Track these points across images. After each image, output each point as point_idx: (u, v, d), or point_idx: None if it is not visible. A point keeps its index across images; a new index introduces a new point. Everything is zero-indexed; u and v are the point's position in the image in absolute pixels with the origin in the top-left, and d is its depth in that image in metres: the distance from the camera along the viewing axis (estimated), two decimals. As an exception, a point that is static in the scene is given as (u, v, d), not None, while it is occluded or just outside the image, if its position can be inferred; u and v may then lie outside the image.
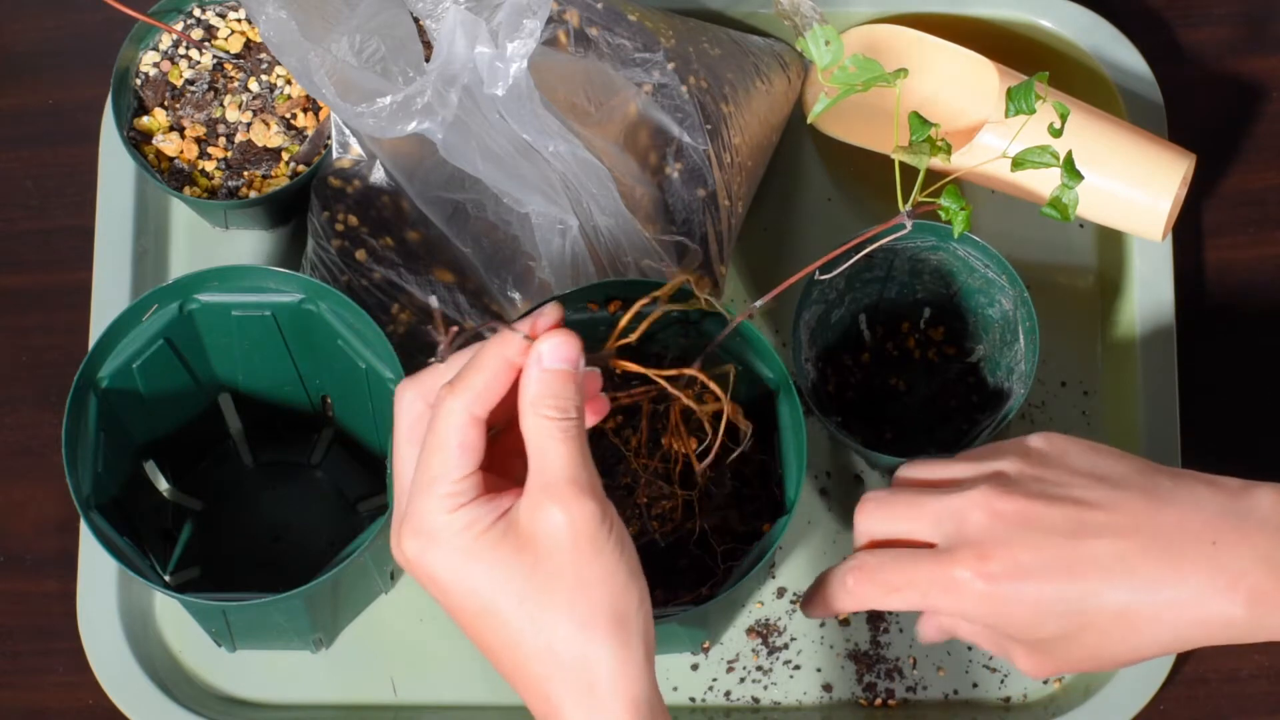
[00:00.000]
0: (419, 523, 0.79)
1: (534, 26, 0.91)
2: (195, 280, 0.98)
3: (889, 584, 0.88)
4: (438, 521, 0.78)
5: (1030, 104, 0.89)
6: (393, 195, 1.03)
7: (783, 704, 1.05)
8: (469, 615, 0.80)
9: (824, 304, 1.02)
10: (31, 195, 1.15)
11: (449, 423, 0.78)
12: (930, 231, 1.00)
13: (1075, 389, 1.10)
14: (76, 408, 0.95)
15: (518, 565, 0.78)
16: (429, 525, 0.79)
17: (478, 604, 0.79)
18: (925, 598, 0.88)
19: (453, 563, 0.79)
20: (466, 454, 0.78)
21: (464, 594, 0.79)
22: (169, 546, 1.04)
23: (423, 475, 0.79)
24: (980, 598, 0.86)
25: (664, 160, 1.04)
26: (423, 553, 0.79)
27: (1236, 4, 1.18)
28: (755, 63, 1.10)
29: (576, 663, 0.78)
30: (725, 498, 0.97)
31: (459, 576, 0.79)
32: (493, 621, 0.79)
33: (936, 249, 1.02)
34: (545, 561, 0.78)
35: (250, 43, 1.10)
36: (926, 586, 0.87)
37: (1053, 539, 0.85)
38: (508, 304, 1.02)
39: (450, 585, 0.79)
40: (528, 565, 0.78)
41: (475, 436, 0.79)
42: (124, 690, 1.04)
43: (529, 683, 0.80)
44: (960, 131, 1.09)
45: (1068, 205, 0.90)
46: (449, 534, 0.78)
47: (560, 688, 0.79)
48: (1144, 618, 0.85)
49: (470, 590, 0.79)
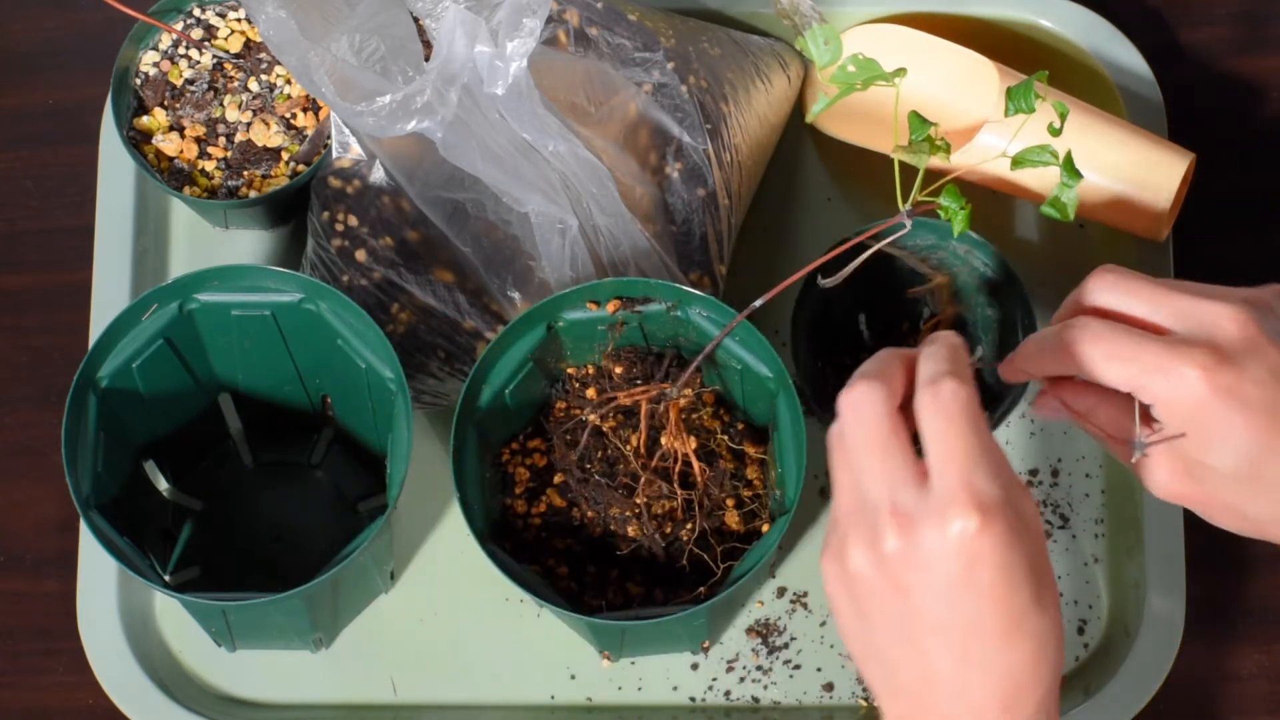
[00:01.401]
0: (988, 496, 0.82)
1: (534, 26, 0.91)
2: (195, 280, 0.98)
3: (1112, 351, 0.86)
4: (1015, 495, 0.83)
5: (1030, 103, 0.89)
6: (393, 195, 1.03)
7: (783, 704, 1.05)
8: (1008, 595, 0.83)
9: (823, 303, 1.02)
10: (31, 195, 1.15)
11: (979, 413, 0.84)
12: (930, 230, 1.00)
13: (1075, 389, 1.10)
14: (76, 408, 0.95)
15: (1041, 545, 0.84)
16: (998, 500, 0.82)
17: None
18: (1139, 377, 0.86)
19: (1016, 535, 0.82)
20: None
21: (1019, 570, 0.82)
22: (169, 546, 1.04)
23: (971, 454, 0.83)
24: (1194, 402, 0.84)
25: (664, 160, 1.04)
26: (995, 523, 0.82)
27: (1236, 4, 1.18)
28: (755, 63, 1.10)
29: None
30: (724, 498, 0.97)
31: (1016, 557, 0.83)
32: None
33: (936, 248, 1.02)
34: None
35: (250, 42, 1.10)
36: (1149, 368, 0.85)
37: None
38: (508, 304, 1.02)
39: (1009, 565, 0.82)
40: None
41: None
42: (124, 690, 1.04)
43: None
44: (960, 131, 1.09)
45: (1067, 204, 0.90)
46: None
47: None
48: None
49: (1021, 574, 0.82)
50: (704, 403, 0.99)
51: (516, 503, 0.99)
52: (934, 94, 1.11)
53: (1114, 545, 1.07)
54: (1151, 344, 0.86)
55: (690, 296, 0.97)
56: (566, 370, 1.01)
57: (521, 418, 1.00)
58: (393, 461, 0.96)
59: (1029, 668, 0.83)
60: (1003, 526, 0.82)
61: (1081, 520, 1.08)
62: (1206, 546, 1.08)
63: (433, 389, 1.05)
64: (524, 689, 1.05)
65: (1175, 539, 1.06)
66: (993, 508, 0.82)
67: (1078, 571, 1.07)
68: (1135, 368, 0.86)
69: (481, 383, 0.97)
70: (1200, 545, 1.07)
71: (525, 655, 1.05)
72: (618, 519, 0.97)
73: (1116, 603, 1.06)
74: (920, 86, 1.10)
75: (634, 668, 1.05)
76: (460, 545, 1.05)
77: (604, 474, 0.97)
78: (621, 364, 0.99)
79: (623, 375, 0.99)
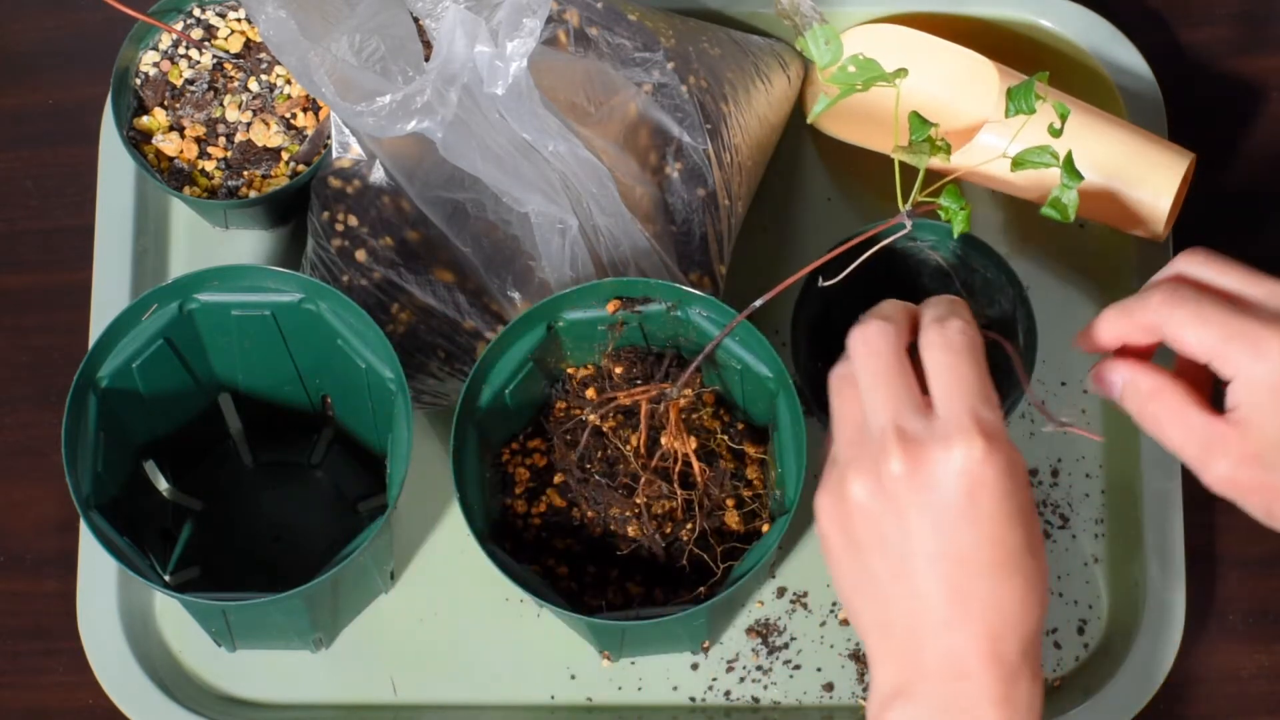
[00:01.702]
0: (992, 427, 0.85)
1: (534, 26, 0.91)
2: (195, 280, 0.98)
3: (1199, 314, 0.86)
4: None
5: (1030, 104, 0.89)
6: (393, 195, 1.03)
7: (783, 704, 1.05)
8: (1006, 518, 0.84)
9: (823, 303, 1.02)
10: (31, 195, 1.15)
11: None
12: (930, 231, 1.00)
13: (1075, 389, 1.10)
14: (76, 408, 0.95)
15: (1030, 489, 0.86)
16: (1002, 431, 0.85)
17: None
18: (1222, 345, 0.86)
19: (1015, 467, 0.85)
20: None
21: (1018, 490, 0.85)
22: (169, 546, 1.04)
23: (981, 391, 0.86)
24: (1276, 381, 0.84)
25: (664, 160, 1.04)
26: (999, 451, 0.84)
27: (1236, 4, 1.18)
28: (755, 63, 1.10)
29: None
30: (724, 498, 0.97)
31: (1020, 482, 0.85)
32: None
33: (936, 248, 1.02)
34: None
35: (250, 42, 1.10)
36: (1235, 334, 0.85)
37: None
38: (507, 304, 1.02)
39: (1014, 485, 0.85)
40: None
41: None
42: (124, 690, 1.04)
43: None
44: (960, 131, 1.09)
45: (1067, 205, 0.90)
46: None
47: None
48: None
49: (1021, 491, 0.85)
50: (704, 403, 0.99)
51: (516, 503, 0.99)
52: (934, 94, 1.11)
53: (1114, 545, 1.07)
54: (1241, 316, 0.85)
55: (690, 296, 0.97)
56: (566, 370, 1.01)
57: (521, 418, 1.00)
58: (393, 461, 0.96)
59: (1017, 606, 0.85)
60: (1004, 457, 0.84)
61: (1081, 520, 1.08)
62: (1206, 546, 1.08)
63: (433, 389, 1.05)
64: (524, 689, 1.05)
65: (1175, 539, 1.06)
66: (996, 437, 0.84)
67: (1078, 571, 1.07)
68: (1220, 333, 0.85)
69: (481, 383, 0.97)
70: (1200, 545, 1.07)
71: (525, 655, 1.05)
72: (618, 519, 0.97)
73: (1116, 603, 1.06)
74: (920, 87, 1.10)
75: (634, 668, 1.05)
76: (460, 545, 1.05)
77: (604, 474, 0.97)
78: (621, 364, 0.99)
79: (623, 375, 0.99)
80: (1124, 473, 1.08)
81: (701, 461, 0.96)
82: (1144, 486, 1.07)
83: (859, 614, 0.87)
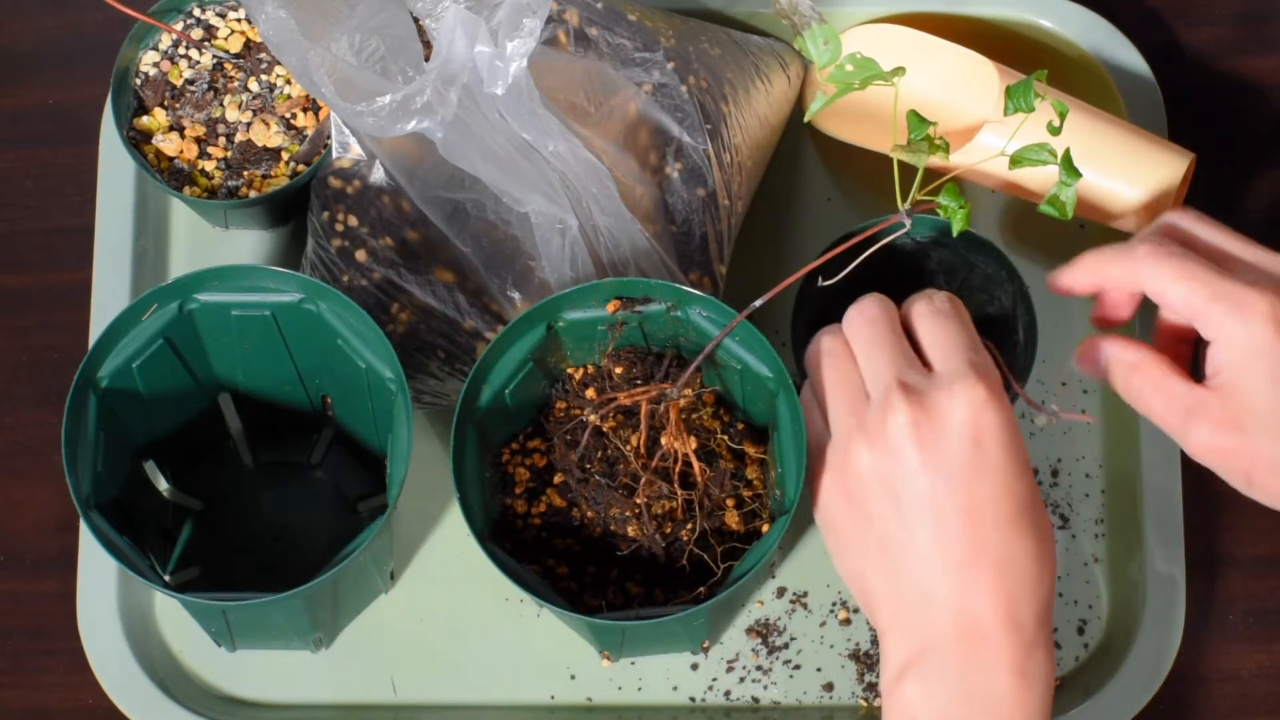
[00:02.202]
0: (987, 371, 0.86)
1: (534, 26, 0.91)
2: (195, 280, 0.98)
3: (1183, 270, 0.86)
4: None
5: (1029, 102, 0.89)
6: (393, 195, 1.03)
7: (783, 704, 1.05)
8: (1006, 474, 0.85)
9: (823, 303, 1.02)
10: (31, 195, 1.15)
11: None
12: (930, 227, 1.00)
13: (1075, 389, 1.10)
14: (76, 408, 0.95)
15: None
16: (999, 380, 0.87)
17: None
18: (1205, 304, 0.85)
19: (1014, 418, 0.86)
20: None
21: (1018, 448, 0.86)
22: (169, 546, 1.04)
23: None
24: (1260, 339, 0.84)
25: (664, 160, 1.04)
26: (1001, 399, 0.86)
27: (1236, 4, 1.18)
28: (755, 63, 1.10)
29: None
30: (724, 498, 0.97)
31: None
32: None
33: (937, 246, 1.02)
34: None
35: (250, 42, 1.10)
36: (1219, 294, 0.85)
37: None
38: (507, 304, 1.02)
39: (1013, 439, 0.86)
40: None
41: None
42: (124, 690, 1.04)
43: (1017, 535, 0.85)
44: (960, 130, 1.09)
45: (1066, 203, 0.90)
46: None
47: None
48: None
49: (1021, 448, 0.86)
50: (704, 403, 0.99)
51: (516, 503, 0.99)
52: (934, 94, 1.11)
53: (1114, 545, 1.07)
54: (1228, 278, 0.85)
55: (690, 296, 0.97)
56: (566, 370, 1.01)
57: (521, 418, 1.00)
58: (393, 461, 0.96)
59: (1032, 564, 0.84)
60: (1005, 407, 0.85)
61: (1081, 520, 1.08)
62: (1206, 547, 1.08)
63: (433, 389, 1.05)
64: (524, 689, 1.05)
65: (1175, 539, 1.06)
66: (995, 385, 0.85)
67: (1078, 571, 1.07)
68: (1204, 292, 0.85)
69: (481, 383, 0.97)
70: (1200, 545, 1.07)
71: (525, 655, 1.05)
72: (618, 519, 0.97)
73: (1116, 603, 1.06)
74: (920, 86, 1.10)
75: (634, 668, 1.05)
76: (460, 545, 1.05)
77: (604, 474, 0.97)
78: (621, 364, 0.99)
79: (623, 375, 0.99)
80: (1124, 473, 1.08)
81: (701, 461, 0.96)
82: (1144, 486, 1.06)
83: (870, 590, 0.87)
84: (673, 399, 0.95)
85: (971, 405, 0.84)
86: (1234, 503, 1.09)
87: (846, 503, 0.87)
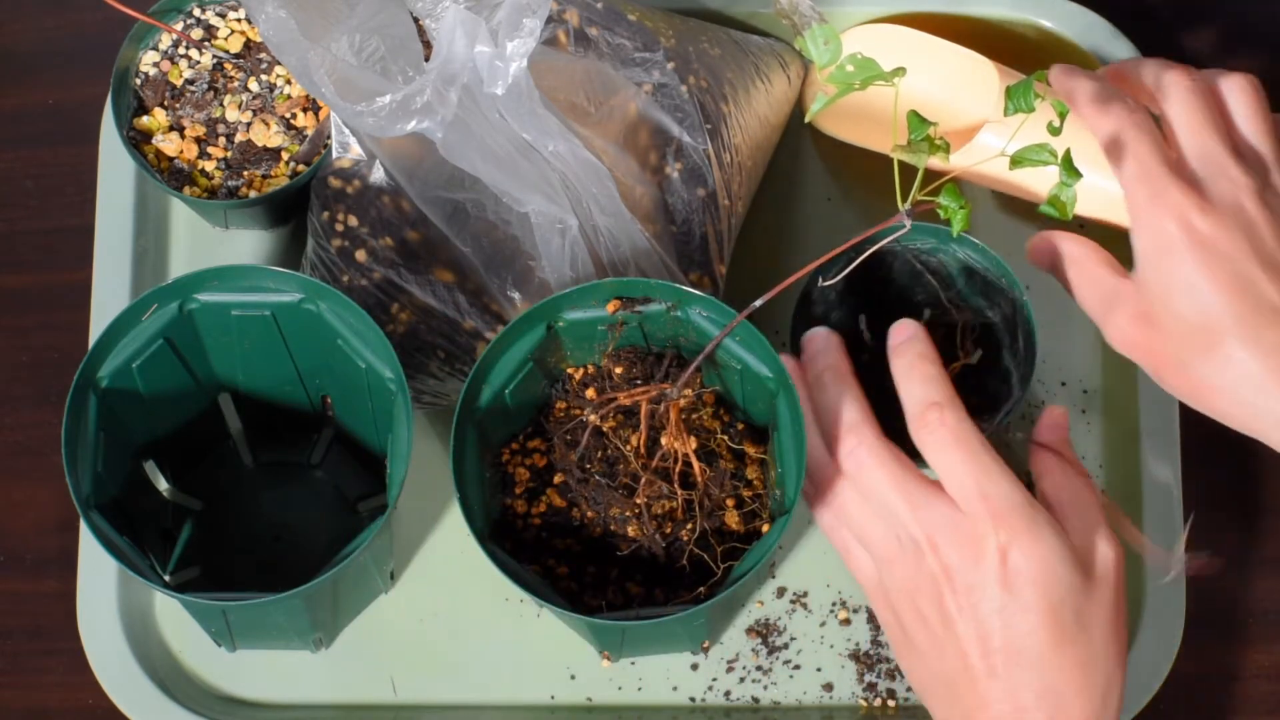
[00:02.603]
0: (1006, 504, 0.86)
1: (534, 26, 0.91)
2: (195, 280, 0.98)
3: (1125, 139, 0.88)
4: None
5: (1029, 102, 0.89)
6: (393, 195, 1.03)
7: (783, 704, 1.05)
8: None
9: (824, 304, 1.02)
10: (31, 195, 1.15)
11: None
12: (930, 234, 1.00)
13: (1075, 389, 1.10)
14: (76, 408, 0.95)
15: (1080, 572, 0.87)
16: (1017, 502, 0.86)
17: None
18: (1130, 183, 0.87)
19: (1047, 548, 0.86)
20: None
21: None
22: (169, 546, 1.04)
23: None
24: (1164, 241, 0.86)
25: (664, 160, 1.04)
26: (1025, 535, 0.86)
27: (1236, 4, 1.18)
28: (755, 63, 1.10)
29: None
30: (724, 498, 0.97)
31: None
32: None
33: (936, 251, 1.02)
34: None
35: (250, 42, 1.10)
36: (1143, 180, 0.87)
37: (1260, 253, 0.85)
38: (507, 304, 1.02)
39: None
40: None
41: None
42: (124, 690, 1.04)
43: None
44: (960, 131, 1.09)
45: (1066, 203, 0.90)
46: None
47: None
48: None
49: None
50: (704, 403, 0.99)
51: (516, 503, 0.99)
52: (934, 94, 1.11)
53: (1114, 545, 1.07)
54: (1160, 151, 0.86)
55: (690, 296, 0.97)
56: (566, 370, 1.01)
57: (521, 418, 1.00)
58: (393, 461, 0.96)
59: (1076, 694, 0.86)
60: (1034, 540, 0.85)
61: (1081, 520, 1.08)
62: (1206, 547, 1.07)
63: (433, 389, 1.05)
64: (524, 689, 1.05)
65: (1175, 539, 1.05)
66: (1017, 518, 0.85)
67: (1078, 571, 1.07)
68: (1131, 170, 0.88)
69: (481, 383, 0.97)
70: (1200, 545, 1.07)
71: (525, 655, 1.05)
72: (618, 519, 0.97)
73: (1116, 603, 1.06)
74: (920, 86, 1.10)
75: (634, 668, 1.05)
76: (460, 545, 1.05)
77: (604, 474, 0.97)
78: (621, 364, 0.99)
79: (623, 375, 0.99)
80: (1124, 473, 1.08)
81: (701, 461, 0.96)
82: (1144, 486, 1.06)
83: (926, 704, 0.90)
84: (673, 399, 0.95)
85: (1000, 553, 0.85)
86: (1234, 503, 1.09)
87: (892, 618, 0.91)
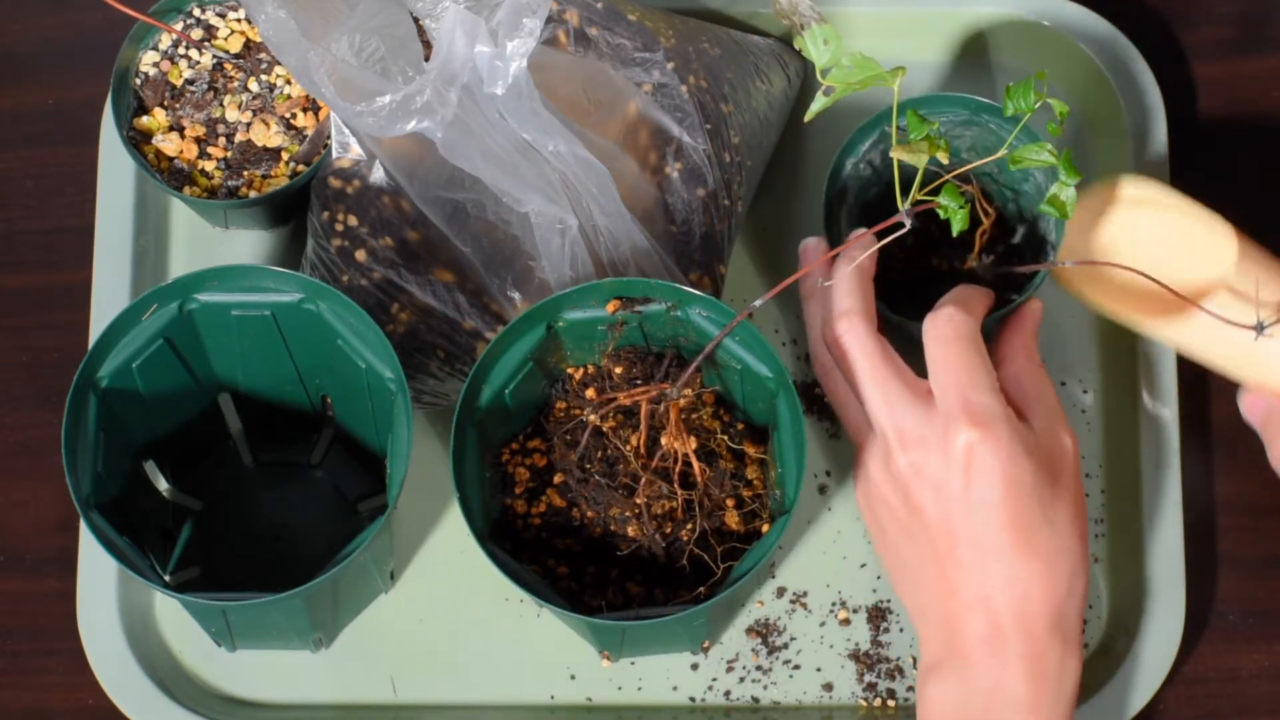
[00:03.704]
0: (985, 412, 0.90)
1: (534, 26, 0.91)
2: (195, 280, 0.98)
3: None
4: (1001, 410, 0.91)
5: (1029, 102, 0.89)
6: (393, 195, 1.03)
7: (783, 704, 1.05)
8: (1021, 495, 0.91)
9: (859, 181, 1.02)
10: (31, 195, 1.15)
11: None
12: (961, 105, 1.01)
13: (1075, 389, 1.10)
14: (76, 408, 0.95)
15: (1046, 469, 0.92)
16: (995, 413, 0.91)
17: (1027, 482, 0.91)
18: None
19: (1015, 448, 0.90)
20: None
21: (1018, 473, 0.90)
22: (169, 546, 1.04)
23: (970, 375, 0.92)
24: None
25: (664, 160, 1.04)
26: (995, 436, 0.90)
27: (1236, 4, 1.18)
28: (755, 63, 1.10)
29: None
30: (724, 498, 0.97)
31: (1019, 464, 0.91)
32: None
33: (971, 124, 1.02)
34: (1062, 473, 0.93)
35: (250, 43, 1.10)
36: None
37: None
38: (507, 304, 1.02)
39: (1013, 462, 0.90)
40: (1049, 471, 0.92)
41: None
42: (124, 690, 1.04)
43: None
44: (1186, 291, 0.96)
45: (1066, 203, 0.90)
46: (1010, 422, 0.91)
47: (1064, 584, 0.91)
48: None
49: (1024, 473, 0.91)
50: (704, 403, 0.99)
51: (516, 503, 0.99)
52: (1160, 254, 0.99)
53: (1114, 545, 1.07)
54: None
55: (690, 296, 0.97)
56: (566, 370, 1.01)
57: (521, 418, 1.00)
58: (393, 461, 0.96)
59: (1039, 583, 0.90)
60: (1003, 440, 0.90)
61: (1081, 520, 1.08)
62: (1206, 547, 1.08)
63: (433, 389, 1.05)
64: (524, 689, 1.05)
65: (1175, 539, 1.06)
66: (993, 422, 0.90)
67: (1078, 571, 1.07)
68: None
69: (481, 383, 0.97)
70: (1200, 546, 1.07)
71: (525, 655, 1.05)
72: (618, 519, 0.97)
73: (1116, 603, 1.06)
74: (1150, 241, 0.99)
75: (634, 668, 1.05)
76: (460, 545, 1.05)
77: (604, 474, 0.97)
78: (621, 364, 0.99)
79: (623, 375, 0.99)
80: (1124, 473, 1.08)
81: (701, 461, 0.96)
82: (1144, 486, 1.06)
83: (901, 597, 0.96)
84: (673, 399, 0.95)
85: (966, 449, 0.90)
86: (1234, 503, 1.09)
87: (868, 510, 0.96)
